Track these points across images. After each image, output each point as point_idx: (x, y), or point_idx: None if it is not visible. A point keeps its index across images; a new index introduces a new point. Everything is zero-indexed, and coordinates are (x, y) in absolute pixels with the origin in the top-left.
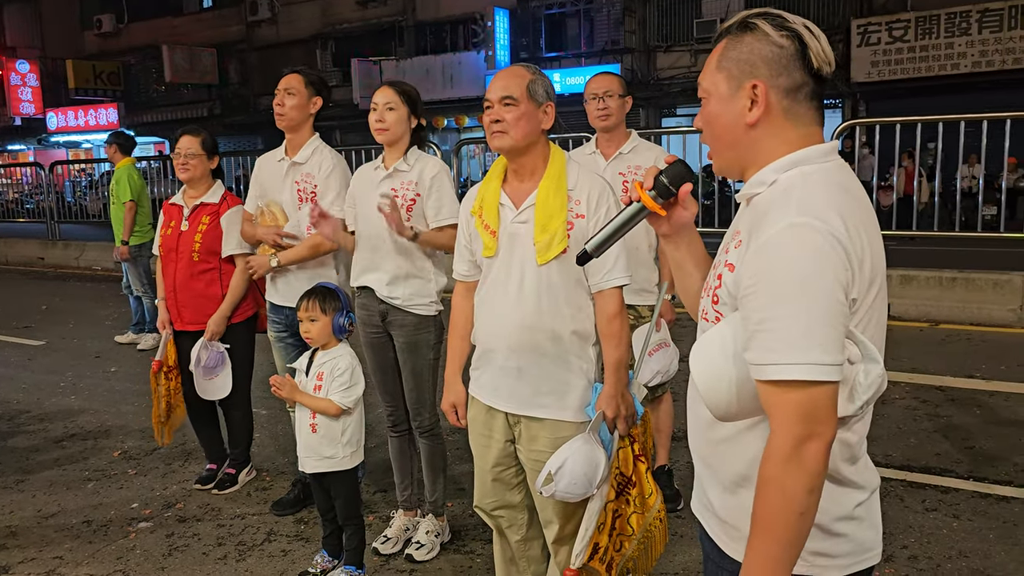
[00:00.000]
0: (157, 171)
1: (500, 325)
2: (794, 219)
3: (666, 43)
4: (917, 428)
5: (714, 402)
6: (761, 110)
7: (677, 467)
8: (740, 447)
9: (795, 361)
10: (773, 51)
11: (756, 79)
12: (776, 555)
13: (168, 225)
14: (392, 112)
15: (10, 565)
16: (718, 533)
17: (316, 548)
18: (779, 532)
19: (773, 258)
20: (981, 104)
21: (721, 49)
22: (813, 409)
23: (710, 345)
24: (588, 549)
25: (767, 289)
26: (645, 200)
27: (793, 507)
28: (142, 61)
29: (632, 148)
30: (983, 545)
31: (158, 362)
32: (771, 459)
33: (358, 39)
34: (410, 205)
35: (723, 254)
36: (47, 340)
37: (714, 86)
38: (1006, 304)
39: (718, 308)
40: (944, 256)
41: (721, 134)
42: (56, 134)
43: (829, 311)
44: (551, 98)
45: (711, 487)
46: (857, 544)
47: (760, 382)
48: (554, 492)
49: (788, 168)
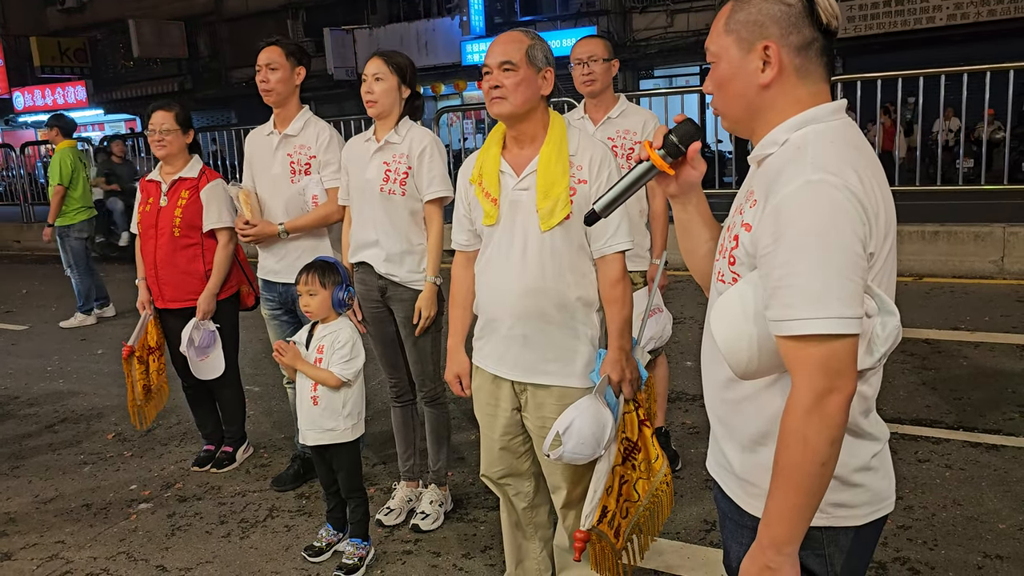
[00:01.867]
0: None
1: (504, 293)
2: (810, 176)
3: (642, 4)
4: (906, 381)
5: (735, 361)
6: (775, 71)
7: (673, 428)
8: (759, 405)
9: (816, 315)
10: (781, 10)
11: (767, 40)
12: (797, 504)
13: (146, 202)
14: (380, 83)
15: (12, 551)
16: (737, 491)
17: (319, 522)
18: (800, 482)
19: (791, 215)
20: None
21: (728, 12)
22: (834, 362)
23: (730, 305)
24: (597, 511)
25: (786, 246)
26: (655, 159)
27: (815, 457)
28: (109, 36)
29: (621, 112)
30: (976, 493)
31: (129, 347)
32: (793, 411)
33: (330, 8)
34: (403, 179)
35: (737, 215)
36: (30, 324)
37: (724, 50)
38: (987, 256)
39: (735, 269)
40: (925, 210)
41: (734, 97)
42: (24, 114)
43: (848, 265)
44: (550, 63)
45: (729, 446)
46: (874, 493)
47: (781, 338)
48: (562, 454)
49: (799, 127)
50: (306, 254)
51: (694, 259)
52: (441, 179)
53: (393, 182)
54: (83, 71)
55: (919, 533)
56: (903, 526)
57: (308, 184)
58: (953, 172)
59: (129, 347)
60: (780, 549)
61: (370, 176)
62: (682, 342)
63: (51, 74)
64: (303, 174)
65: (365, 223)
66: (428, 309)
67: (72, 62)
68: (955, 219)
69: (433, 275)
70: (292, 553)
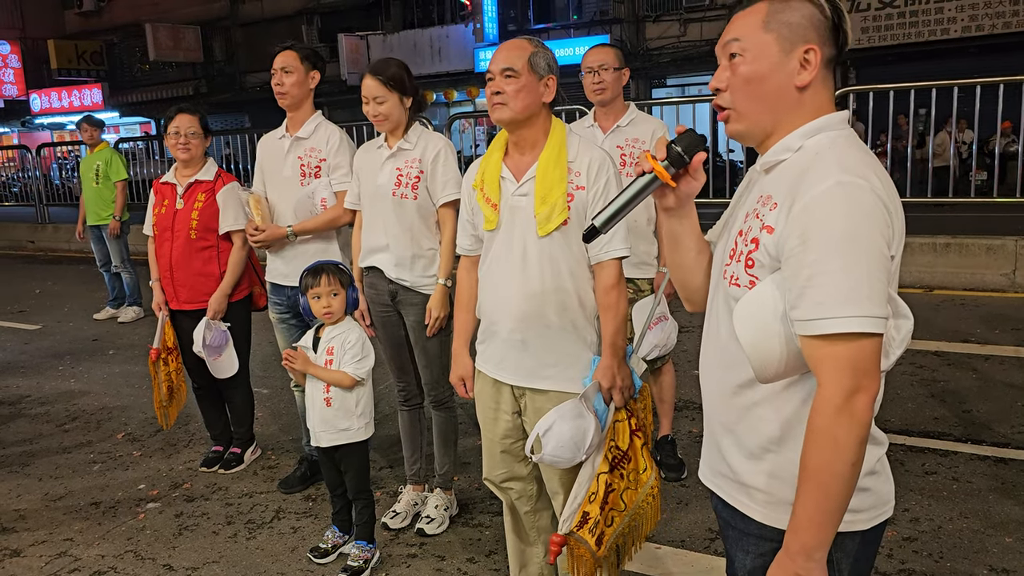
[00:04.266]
0: (144, 151)
1: (504, 298)
2: (840, 177)
3: (655, 13)
4: (914, 393)
5: (765, 361)
6: (812, 74)
7: (679, 437)
8: (772, 410)
9: (848, 314)
10: (821, 20)
11: (810, 44)
12: (828, 508)
13: (161, 204)
14: (383, 104)
15: (21, 548)
16: (742, 499)
17: (325, 525)
18: (830, 484)
19: (821, 215)
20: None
21: (766, 11)
22: (862, 361)
23: (758, 306)
24: (576, 516)
25: (816, 246)
26: (658, 170)
27: (846, 458)
28: (125, 40)
29: (630, 121)
30: (983, 506)
31: (156, 349)
32: (822, 411)
33: (344, 14)
34: (415, 183)
35: (752, 219)
36: (43, 324)
37: (762, 47)
38: (999, 269)
39: (753, 272)
40: (937, 222)
41: (765, 95)
42: (40, 116)
43: (877, 265)
44: (553, 71)
45: (733, 454)
46: (878, 497)
47: (807, 337)
48: (542, 456)
49: (812, 134)
50: (315, 258)
51: (682, 271)
52: (455, 182)
53: (405, 186)
54: (99, 74)
55: (925, 545)
56: (909, 538)
57: (317, 187)
58: (966, 184)
59: (156, 350)
60: (811, 555)
61: (382, 181)
62: (690, 351)
63: (68, 76)
64: (313, 177)
65: (376, 228)
66: (439, 310)
67: (88, 65)
68: (967, 231)
69: (445, 277)
70: (298, 554)
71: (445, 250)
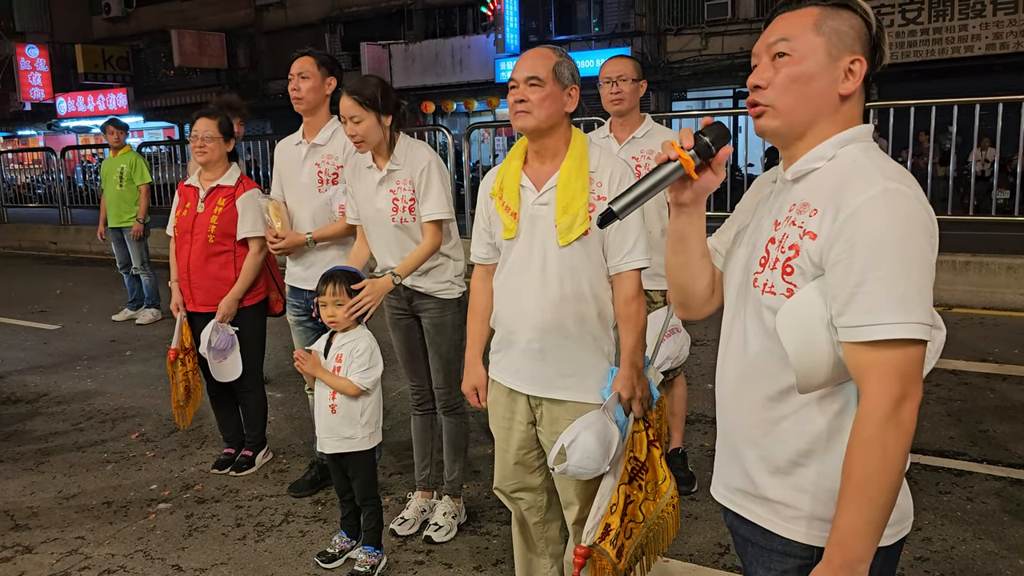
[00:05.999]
0: (167, 155)
1: (523, 307)
2: (887, 184)
3: (677, 26)
4: (930, 412)
5: (808, 370)
6: (856, 85)
7: (690, 450)
8: (802, 423)
9: (899, 320)
10: (866, 34)
11: (857, 55)
12: (873, 518)
13: (183, 207)
14: (360, 124)
15: (33, 545)
16: (766, 515)
17: (334, 529)
18: (876, 493)
19: (871, 221)
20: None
21: (818, 15)
22: (910, 368)
23: (805, 313)
24: (600, 528)
25: (864, 252)
26: (683, 159)
27: (893, 467)
28: (151, 45)
29: (646, 132)
30: (997, 528)
31: (174, 350)
32: (870, 420)
33: (367, 23)
34: (410, 206)
35: (788, 226)
36: (62, 324)
37: (813, 48)
38: (1020, 288)
39: (791, 279)
40: (957, 240)
41: (808, 96)
42: (66, 119)
43: (925, 272)
44: (576, 81)
45: (757, 468)
46: (902, 512)
47: (855, 344)
48: (566, 468)
49: (844, 144)
50: (334, 263)
51: (685, 274)
52: (436, 201)
53: (403, 211)
54: (125, 79)
55: (937, 565)
56: (921, 557)
57: (335, 194)
58: (988, 202)
59: (175, 350)
60: (854, 568)
61: (380, 207)
62: (703, 364)
63: (94, 81)
64: (330, 184)
65: (382, 251)
66: (375, 300)
67: (115, 70)
68: (988, 250)
69: (400, 273)
70: (305, 558)
71: (416, 257)
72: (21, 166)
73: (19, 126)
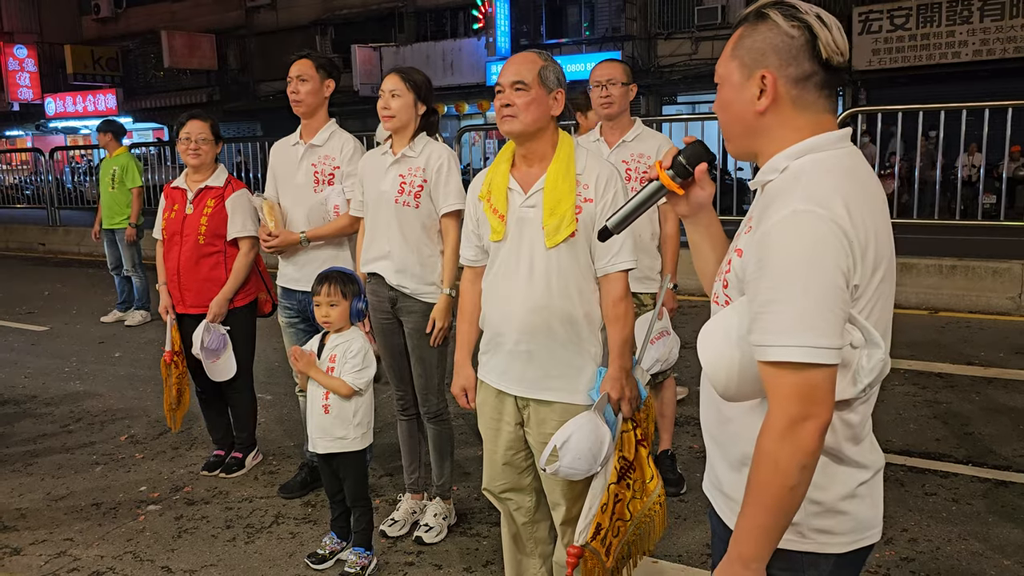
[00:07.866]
0: (156, 157)
1: (510, 309)
2: (797, 206)
3: (667, 30)
4: (917, 414)
5: (715, 382)
6: (769, 99)
7: (679, 452)
8: (745, 427)
9: (790, 343)
10: (784, 41)
11: (765, 69)
12: (765, 524)
13: (171, 209)
14: (397, 99)
15: (22, 546)
16: (724, 510)
17: (324, 530)
18: (769, 503)
19: (775, 244)
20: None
21: (737, 37)
22: (809, 390)
23: (715, 328)
24: (591, 528)
25: (769, 273)
26: (663, 178)
27: (785, 481)
28: (141, 46)
29: (636, 136)
30: (982, 528)
31: (170, 352)
32: (766, 434)
33: (358, 25)
34: (418, 192)
35: (736, 240)
36: (50, 326)
37: (728, 73)
38: (1005, 292)
39: (727, 292)
40: (944, 244)
41: (732, 120)
42: (54, 120)
43: (827, 296)
44: (562, 85)
45: (719, 465)
46: (859, 522)
47: (761, 363)
48: (558, 469)
49: (800, 155)
50: (327, 264)
51: (704, 279)
52: (458, 193)
53: (408, 194)
54: (114, 79)
55: (923, 566)
56: (907, 558)
57: (330, 194)
58: (974, 207)
59: (170, 352)
60: (747, 565)
61: (385, 188)
62: (693, 366)
63: (83, 81)
64: (326, 184)
65: (378, 234)
66: (442, 320)
67: (104, 70)
68: (974, 254)
69: (449, 286)
70: (295, 560)
71: (448, 260)
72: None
73: (7, 127)
